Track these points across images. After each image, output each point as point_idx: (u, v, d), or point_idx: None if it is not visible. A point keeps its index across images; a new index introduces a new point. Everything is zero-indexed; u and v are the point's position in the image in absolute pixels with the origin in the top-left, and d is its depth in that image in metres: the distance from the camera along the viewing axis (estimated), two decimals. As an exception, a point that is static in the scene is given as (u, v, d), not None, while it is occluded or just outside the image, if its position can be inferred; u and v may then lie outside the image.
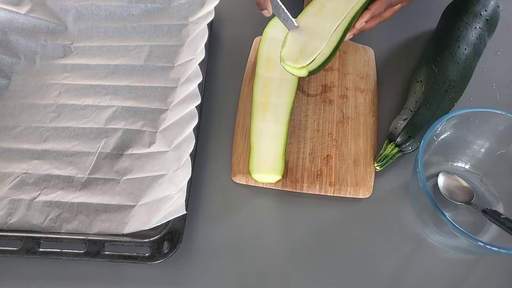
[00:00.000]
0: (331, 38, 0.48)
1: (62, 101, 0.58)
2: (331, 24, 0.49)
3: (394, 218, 0.51)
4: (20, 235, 0.47)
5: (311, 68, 0.46)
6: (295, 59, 0.47)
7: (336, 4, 0.51)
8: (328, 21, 0.49)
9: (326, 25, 0.49)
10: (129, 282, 0.48)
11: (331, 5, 0.51)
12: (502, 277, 0.48)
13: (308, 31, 0.49)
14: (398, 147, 0.52)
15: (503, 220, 0.43)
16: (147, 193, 0.50)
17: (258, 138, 0.51)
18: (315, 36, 0.48)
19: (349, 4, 0.50)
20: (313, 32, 0.48)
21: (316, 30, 0.49)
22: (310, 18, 0.50)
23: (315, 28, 0.49)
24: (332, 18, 0.49)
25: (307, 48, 0.47)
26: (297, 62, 0.46)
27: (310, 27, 0.49)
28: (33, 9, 0.63)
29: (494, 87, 0.60)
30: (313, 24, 0.49)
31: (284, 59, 0.47)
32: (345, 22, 0.49)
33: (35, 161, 0.54)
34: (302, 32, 0.49)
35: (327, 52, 0.47)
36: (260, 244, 0.50)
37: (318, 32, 0.48)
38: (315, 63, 0.47)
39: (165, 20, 0.64)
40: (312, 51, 0.47)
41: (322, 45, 0.47)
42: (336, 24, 0.49)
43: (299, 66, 0.46)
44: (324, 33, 0.48)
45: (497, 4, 0.59)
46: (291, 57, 0.47)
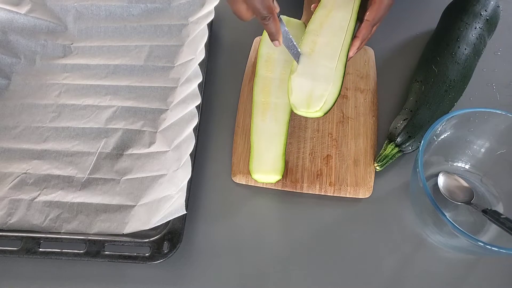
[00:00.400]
0: (335, 76, 0.48)
1: (62, 101, 0.58)
2: (329, 61, 0.49)
3: (394, 218, 0.51)
4: (20, 235, 0.47)
5: (326, 110, 0.47)
6: (307, 105, 0.47)
7: (326, 39, 0.50)
8: (325, 59, 0.49)
9: (325, 63, 0.49)
10: (129, 282, 0.48)
11: (322, 41, 0.50)
12: (502, 277, 0.48)
13: (310, 74, 0.48)
14: (398, 147, 0.52)
15: (503, 220, 0.43)
16: (147, 193, 0.50)
17: (258, 138, 0.51)
18: (318, 78, 0.48)
19: (339, 36, 0.50)
20: (315, 75, 0.48)
21: (317, 72, 0.48)
22: (306, 60, 0.49)
23: (315, 69, 0.49)
24: (328, 55, 0.49)
25: (314, 92, 0.47)
26: (310, 108, 0.47)
27: (310, 70, 0.49)
28: (33, 9, 0.63)
29: (494, 87, 0.60)
30: (312, 66, 0.49)
31: (296, 107, 0.47)
32: (343, 57, 0.49)
33: (35, 161, 0.54)
34: (304, 76, 0.48)
35: (336, 91, 0.47)
36: (260, 244, 0.50)
37: (320, 73, 0.48)
38: (328, 104, 0.47)
39: (165, 20, 0.64)
40: (320, 93, 0.47)
41: (328, 86, 0.47)
42: (335, 61, 0.49)
43: (313, 111, 0.47)
44: (325, 73, 0.48)
45: (497, 4, 0.59)
46: (302, 104, 0.47)
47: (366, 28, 0.50)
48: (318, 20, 0.51)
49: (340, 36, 0.50)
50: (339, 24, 0.50)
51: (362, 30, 0.50)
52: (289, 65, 0.55)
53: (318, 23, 0.51)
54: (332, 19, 0.51)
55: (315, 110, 0.46)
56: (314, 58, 0.49)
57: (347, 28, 0.50)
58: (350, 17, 0.51)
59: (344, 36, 0.50)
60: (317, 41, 0.50)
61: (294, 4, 0.67)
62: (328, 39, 0.50)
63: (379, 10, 0.50)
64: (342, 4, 0.52)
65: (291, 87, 0.48)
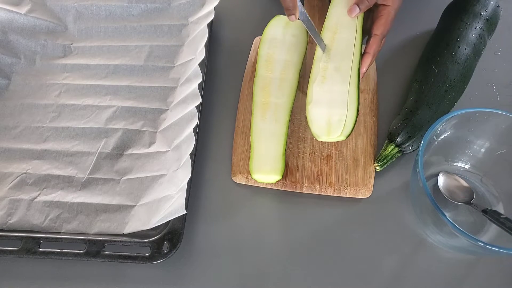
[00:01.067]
0: (349, 99, 0.48)
1: (62, 101, 0.58)
2: (341, 86, 0.49)
3: (394, 218, 0.51)
4: (20, 235, 0.47)
5: (347, 133, 0.47)
6: (327, 132, 0.47)
7: (335, 64, 0.50)
8: (338, 84, 0.49)
9: (338, 89, 0.49)
10: (129, 282, 0.48)
11: (331, 67, 0.50)
12: (502, 277, 0.48)
13: (325, 102, 0.48)
14: (398, 147, 0.52)
15: (503, 220, 0.43)
16: (147, 193, 0.50)
17: (258, 138, 0.51)
18: (334, 104, 0.48)
19: (347, 59, 0.49)
20: (330, 102, 0.48)
21: (331, 98, 0.48)
22: (318, 89, 0.49)
23: (329, 96, 0.49)
24: (340, 80, 0.49)
25: (332, 118, 0.48)
26: (331, 135, 0.47)
27: (325, 98, 0.49)
28: (33, 9, 0.63)
29: (494, 87, 0.60)
30: (326, 94, 0.49)
31: (318, 136, 0.48)
32: (354, 79, 0.49)
33: (35, 161, 0.54)
34: (320, 105, 0.49)
35: (353, 113, 0.47)
36: (260, 244, 0.50)
37: (335, 99, 0.48)
38: (347, 127, 0.47)
39: (165, 20, 0.64)
40: (338, 119, 0.47)
41: (344, 110, 0.48)
42: (347, 85, 0.48)
43: (334, 138, 0.47)
44: (340, 98, 0.48)
45: (497, 4, 0.59)
46: (323, 132, 0.48)
47: (376, 42, 0.50)
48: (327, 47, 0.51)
49: (348, 58, 0.49)
50: (346, 46, 0.50)
51: (373, 45, 0.50)
52: (289, 65, 0.55)
53: (327, 50, 0.51)
54: (337, 42, 0.51)
55: (336, 135, 0.47)
56: (326, 85, 0.49)
57: (354, 48, 0.50)
58: (355, 36, 0.50)
59: (352, 58, 0.49)
60: (327, 67, 0.50)
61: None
62: (337, 63, 0.50)
63: (387, 24, 0.50)
64: (345, 25, 0.51)
65: (309, 119, 0.49)
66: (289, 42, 0.56)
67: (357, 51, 0.50)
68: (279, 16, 0.57)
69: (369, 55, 0.50)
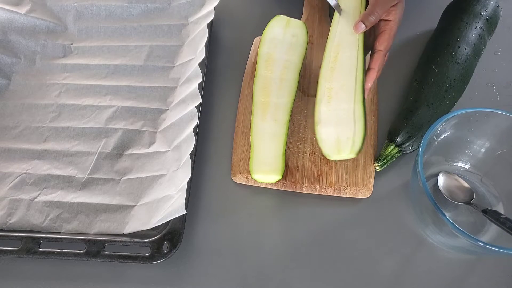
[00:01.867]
0: (356, 117, 0.48)
1: (62, 101, 0.58)
2: (347, 104, 0.49)
3: (394, 218, 0.51)
4: (20, 235, 0.47)
5: (356, 150, 0.47)
6: (337, 151, 0.48)
7: (340, 83, 0.50)
8: (343, 102, 0.49)
9: (343, 107, 0.49)
10: (129, 282, 0.48)
11: (336, 86, 0.50)
12: (502, 277, 0.48)
13: (333, 121, 0.49)
14: (398, 147, 0.52)
15: (503, 220, 0.43)
16: (147, 193, 0.50)
17: (258, 138, 0.51)
18: (341, 123, 0.48)
19: (351, 76, 0.50)
20: (337, 120, 0.49)
21: (338, 117, 0.49)
22: (325, 109, 0.49)
23: (336, 115, 0.49)
24: (345, 98, 0.49)
25: (340, 137, 0.48)
26: (341, 153, 0.48)
27: (332, 117, 0.49)
28: (33, 9, 0.63)
29: (494, 87, 0.60)
30: (332, 113, 0.49)
31: (328, 155, 0.49)
32: (359, 95, 0.49)
33: (35, 161, 0.54)
34: (328, 124, 0.49)
35: (360, 129, 0.48)
36: (260, 244, 0.50)
37: (341, 118, 0.49)
38: (356, 144, 0.47)
39: (165, 20, 0.64)
40: (346, 137, 0.48)
41: (351, 128, 0.48)
42: (352, 103, 0.49)
43: (344, 155, 0.48)
44: (346, 116, 0.48)
45: (497, 4, 0.59)
46: (333, 151, 0.48)
47: (380, 58, 0.50)
48: (328, 66, 0.51)
49: (352, 76, 0.50)
50: (349, 64, 0.50)
51: (377, 60, 0.50)
52: (289, 65, 0.55)
53: (329, 69, 0.51)
54: (340, 62, 0.51)
55: (346, 154, 0.48)
56: (333, 105, 0.49)
57: (357, 66, 0.50)
58: (357, 54, 0.50)
59: (355, 75, 0.50)
60: (332, 87, 0.50)
61: (294, 4, 0.67)
62: (341, 82, 0.50)
63: (390, 39, 0.50)
64: (347, 43, 0.51)
65: (319, 139, 0.49)
66: (289, 42, 0.56)
67: (360, 68, 0.50)
68: (279, 16, 0.57)
69: (374, 71, 0.50)
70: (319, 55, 0.61)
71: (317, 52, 0.61)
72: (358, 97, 0.49)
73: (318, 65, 0.60)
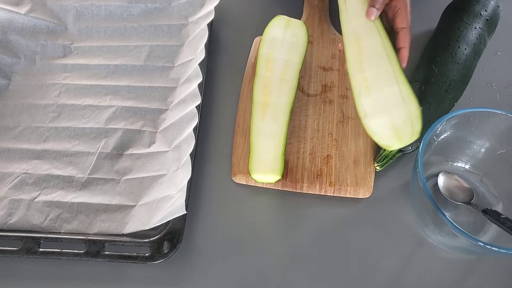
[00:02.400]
0: (404, 97, 0.46)
1: (62, 101, 0.58)
2: (390, 88, 0.47)
3: (394, 218, 0.51)
4: (20, 235, 0.47)
5: (418, 130, 0.45)
6: (398, 138, 0.46)
7: (374, 71, 0.48)
8: (385, 88, 0.47)
9: (387, 92, 0.47)
10: (129, 282, 0.48)
11: (371, 75, 0.48)
12: (502, 277, 0.48)
13: (380, 110, 0.47)
14: (398, 147, 0.52)
15: (503, 220, 0.43)
16: (147, 193, 0.50)
17: (258, 138, 0.51)
18: (391, 108, 0.46)
19: (383, 61, 0.47)
20: (385, 107, 0.46)
21: (385, 103, 0.47)
22: (367, 101, 0.47)
23: (382, 102, 0.47)
24: (385, 83, 0.47)
25: (395, 122, 0.46)
26: (402, 139, 0.46)
27: (378, 106, 0.47)
28: (33, 9, 0.63)
29: (494, 87, 0.60)
30: (377, 102, 0.47)
31: (389, 146, 0.47)
32: (399, 75, 0.46)
33: (35, 161, 0.54)
34: (376, 115, 0.47)
35: (415, 107, 0.45)
36: (260, 244, 0.50)
37: (389, 103, 0.46)
38: (416, 124, 0.45)
39: (165, 20, 0.64)
40: (402, 119, 0.46)
41: (404, 108, 0.46)
42: (396, 84, 0.46)
43: (407, 140, 0.46)
44: (393, 99, 0.46)
45: (497, 4, 0.59)
46: (392, 140, 0.46)
47: (406, 35, 0.49)
48: (354, 60, 0.49)
49: (384, 60, 0.48)
50: (375, 50, 0.48)
51: (405, 38, 0.49)
52: (289, 65, 0.55)
53: (357, 62, 0.49)
54: (366, 51, 0.49)
55: (409, 137, 0.46)
56: (374, 94, 0.47)
57: (385, 49, 0.48)
58: (380, 38, 0.49)
59: (388, 57, 0.48)
60: (366, 77, 0.48)
61: (294, 4, 0.67)
62: (375, 70, 0.48)
63: (407, 14, 0.50)
64: (364, 33, 0.49)
65: (372, 132, 0.47)
66: (289, 42, 0.56)
67: (390, 50, 0.48)
68: (279, 16, 0.57)
69: (405, 49, 0.49)
70: (319, 55, 0.61)
71: (317, 52, 0.61)
72: (400, 78, 0.47)
73: (318, 65, 0.60)
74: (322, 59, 0.61)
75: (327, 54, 0.61)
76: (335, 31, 0.63)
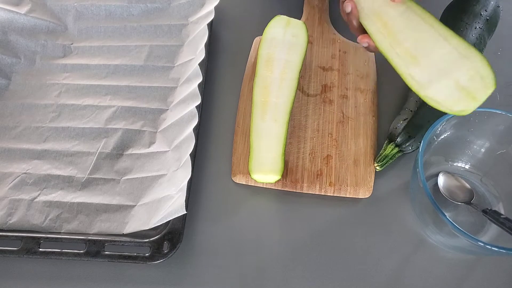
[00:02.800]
0: (462, 52, 0.40)
1: (62, 101, 0.58)
2: (441, 49, 0.41)
3: (394, 218, 0.51)
4: (20, 235, 0.47)
5: (492, 81, 0.40)
6: (471, 97, 0.40)
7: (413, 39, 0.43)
8: (435, 50, 0.42)
9: (439, 53, 0.41)
10: (129, 282, 0.48)
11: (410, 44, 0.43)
12: (502, 277, 0.48)
13: (439, 74, 0.41)
14: (398, 147, 0.52)
15: (503, 220, 0.43)
16: (147, 193, 0.50)
17: (258, 138, 0.51)
18: (452, 68, 0.41)
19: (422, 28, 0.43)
20: (443, 70, 0.41)
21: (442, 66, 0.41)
22: (417, 69, 0.42)
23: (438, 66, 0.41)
24: (433, 45, 0.42)
25: (461, 81, 0.40)
26: (477, 95, 0.40)
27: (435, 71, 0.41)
28: (33, 9, 0.63)
29: (494, 87, 0.60)
30: (431, 68, 0.42)
31: (464, 110, 0.41)
32: (448, 33, 0.41)
33: (35, 161, 0.54)
34: (435, 82, 0.41)
35: (479, 59, 0.40)
36: (260, 244, 0.50)
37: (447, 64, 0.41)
38: (488, 75, 0.40)
39: (165, 20, 0.64)
40: (470, 75, 0.40)
41: (469, 63, 0.40)
42: (447, 43, 0.41)
43: (483, 95, 0.40)
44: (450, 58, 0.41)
45: (497, 4, 0.59)
46: (465, 102, 0.40)
47: None
48: (383, 36, 0.44)
49: (421, 25, 0.42)
50: (406, 19, 0.43)
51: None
52: (289, 65, 0.55)
53: (388, 36, 0.44)
54: (393, 22, 0.44)
55: (482, 91, 0.40)
56: (424, 61, 0.42)
57: (413, 11, 0.43)
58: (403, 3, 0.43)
59: (423, 22, 0.42)
60: (407, 48, 0.43)
61: (294, 4, 0.67)
62: (413, 38, 0.43)
63: None
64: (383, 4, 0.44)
65: (437, 102, 0.41)
66: (289, 42, 0.56)
67: (420, 10, 0.42)
68: (279, 16, 0.57)
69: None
70: (319, 55, 0.61)
71: (317, 52, 0.61)
72: (446, 34, 0.41)
73: (318, 65, 0.60)
74: (322, 59, 0.61)
75: (327, 54, 0.61)
76: (335, 31, 0.63)
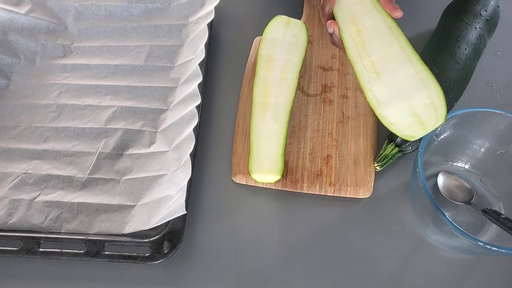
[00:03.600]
0: (422, 78, 0.41)
1: (62, 101, 0.58)
2: (405, 69, 0.42)
3: (394, 218, 0.51)
4: (20, 235, 0.47)
5: (443, 114, 0.41)
6: (421, 126, 0.41)
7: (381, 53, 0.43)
8: (399, 70, 0.42)
9: (402, 74, 0.42)
10: (129, 282, 0.48)
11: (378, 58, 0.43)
12: (502, 277, 0.48)
13: (396, 96, 0.42)
14: (398, 147, 0.52)
15: (503, 220, 0.43)
16: (147, 193, 0.50)
17: (258, 138, 0.51)
18: (409, 93, 0.42)
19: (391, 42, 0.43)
20: (401, 93, 0.42)
21: (401, 88, 0.42)
22: (378, 86, 0.42)
23: (397, 88, 0.42)
24: (398, 65, 0.42)
25: (416, 108, 0.41)
26: (427, 125, 0.41)
27: (393, 92, 0.42)
28: (33, 9, 0.63)
29: (494, 87, 0.60)
30: (391, 88, 0.42)
31: (412, 136, 0.42)
32: (413, 54, 0.42)
33: (35, 161, 0.54)
34: (392, 103, 0.42)
35: (436, 89, 0.41)
36: (260, 244, 0.50)
37: (406, 87, 0.42)
38: (440, 107, 0.41)
39: (165, 20, 0.64)
40: (424, 104, 0.41)
41: (426, 92, 0.41)
42: (410, 65, 0.42)
43: (431, 126, 0.41)
44: (411, 82, 0.42)
45: (497, 4, 0.59)
46: (415, 129, 0.41)
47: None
48: (353, 44, 0.44)
49: (391, 39, 0.42)
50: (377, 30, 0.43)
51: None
52: (289, 65, 0.55)
53: (357, 45, 0.44)
54: (366, 32, 0.44)
55: (433, 122, 0.41)
56: (386, 79, 0.42)
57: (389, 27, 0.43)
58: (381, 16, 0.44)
59: (394, 36, 0.43)
60: (374, 61, 0.43)
61: (294, 4, 0.67)
62: (382, 51, 0.43)
63: None
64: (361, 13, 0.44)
65: (390, 123, 0.42)
66: (289, 42, 0.56)
67: (395, 28, 0.43)
68: (279, 16, 0.57)
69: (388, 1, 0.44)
70: (319, 55, 0.61)
71: (317, 52, 0.61)
72: (413, 58, 0.42)
73: (318, 65, 0.60)
74: (322, 59, 0.61)
75: (327, 54, 0.61)
76: (335, 31, 0.63)
